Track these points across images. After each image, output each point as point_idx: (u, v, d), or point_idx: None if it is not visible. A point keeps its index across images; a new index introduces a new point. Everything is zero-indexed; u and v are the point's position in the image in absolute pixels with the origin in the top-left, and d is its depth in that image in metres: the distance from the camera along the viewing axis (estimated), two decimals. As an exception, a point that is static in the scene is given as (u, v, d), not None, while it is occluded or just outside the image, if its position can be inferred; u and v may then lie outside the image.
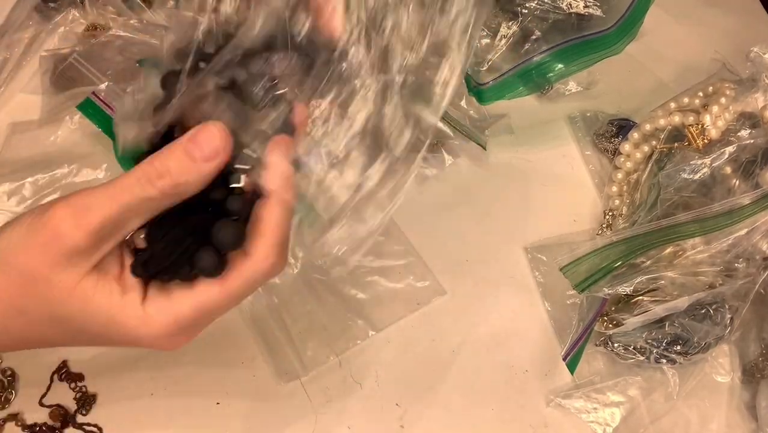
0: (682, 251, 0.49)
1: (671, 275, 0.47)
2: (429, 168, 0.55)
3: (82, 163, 0.52)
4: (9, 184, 0.51)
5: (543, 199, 0.56)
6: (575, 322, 0.49)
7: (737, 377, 0.50)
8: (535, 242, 0.54)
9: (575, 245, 0.50)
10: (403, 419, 0.47)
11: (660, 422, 0.48)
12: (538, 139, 0.59)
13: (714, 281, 0.48)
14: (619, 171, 0.55)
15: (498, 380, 0.49)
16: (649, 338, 0.48)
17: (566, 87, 0.60)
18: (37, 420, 0.44)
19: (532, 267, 0.53)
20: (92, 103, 0.51)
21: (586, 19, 0.56)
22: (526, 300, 0.52)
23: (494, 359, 0.50)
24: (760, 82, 0.51)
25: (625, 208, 0.54)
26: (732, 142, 0.50)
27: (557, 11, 0.56)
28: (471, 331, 0.51)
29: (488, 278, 0.53)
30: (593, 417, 0.48)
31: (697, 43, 0.64)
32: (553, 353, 0.50)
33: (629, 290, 0.47)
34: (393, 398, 0.48)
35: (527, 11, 0.56)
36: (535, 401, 0.49)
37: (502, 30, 0.56)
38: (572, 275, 0.47)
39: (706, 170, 0.50)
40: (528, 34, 0.56)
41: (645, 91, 0.61)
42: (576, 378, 0.49)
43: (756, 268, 0.48)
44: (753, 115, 0.51)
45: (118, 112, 0.35)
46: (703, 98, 0.54)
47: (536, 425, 0.48)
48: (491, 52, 0.56)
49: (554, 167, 0.58)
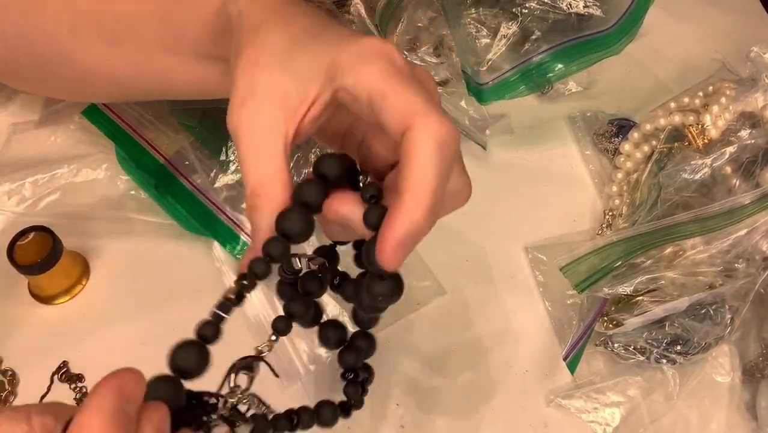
0: (682, 251, 0.49)
1: (671, 275, 0.47)
2: (429, 168, 0.55)
3: (82, 163, 0.52)
4: (9, 184, 0.51)
5: (543, 199, 0.56)
6: (575, 322, 0.49)
7: (737, 377, 0.50)
8: (535, 241, 0.54)
9: (575, 245, 0.50)
10: (403, 419, 0.47)
11: (660, 422, 0.48)
12: (538, 139, 0.59)
13: (714, 281, 0.48)
14: (619, 171, 0.55)
15: (498, 380, 0.49)
16: (649, 338, 0.48)
17: (566, 87, 0.60)
18: (38, 420, 0.44)
19: (532, 267, 0.53)
20: (97, 108, 0.52)
21: (585, 19, 0.56)
22: (526, 300, 0.52)
23: (494, 359, 0.50)
24: (760, 82, 0.51)
25: (625, 208, 0.54)
26: (732, 143, 0.50)
27: (557, 11, 0.56)
28: (471, 331, 0.51)
29: (488, 278, 0.53)
30: (593, 417, 0.48)
31: (697, 43, 0.64)
32: (553, 353, 0.50)
33: (629, 290, 0.47)
34: (393, 398, 0.48)
35: (527, 11, 0.56)
36: (535, 401, 0.49)
37: (502, 30, 0.56)
38: (572, 275, 0.47)
39: (706, 170, 0.50)
40: (528, 34, 0.56)
41: (645, 91, 0.61)
42: (576, 378, 0.49)
43: (756, 268, 0.48)
44: (753, 115, 0.51)
45: None
46: (703, 98, 0.54)
47: (536, 425, 0.48)
48: (491, 52, 0.56)
49: (554, 167, 0.58)
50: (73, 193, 0.52)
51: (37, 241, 0.46)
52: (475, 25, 0.56)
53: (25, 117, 0.55)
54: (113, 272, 0.50)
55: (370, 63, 0.31)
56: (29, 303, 0.49)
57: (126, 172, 0.51)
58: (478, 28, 0.56)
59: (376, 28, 0.55)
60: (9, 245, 0.45)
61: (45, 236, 0.46)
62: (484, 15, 0.56)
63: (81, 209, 0.51)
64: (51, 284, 0.48)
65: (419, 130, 0.29)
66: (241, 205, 0.51)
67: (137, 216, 0.51)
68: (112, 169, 0.52)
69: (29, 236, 0.46)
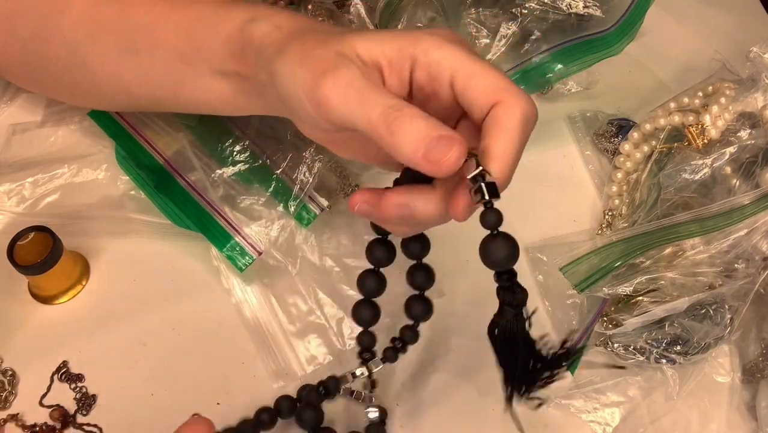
0: (681, 251, 0.49)
1: (671, 275, 0.47)
2: (429, 168, 0.55)
3: (82, 163, 0.52)
4: (9, 184, 0.51)
5: (543, 199, 0.56)
6: (575, 322, 0.49)
7: (737, 377, 0.50)
8: (535, 242, 0.54)
9: (575, 245, 0.50)
10: (403, 419, 0.47)
11: (660, 422, 0.48)
12: (538, 139, 0.58)
13: (714, 282, 0.48)
14: (618, 171, 0.55)
15: (498, 380, 0.49)
16: (649, 339, 0.48)
17: (566, 87, 0.60)
18: (38, 421, 0.45)
19: (532, 267, 0.53)
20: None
21: (585, 19, 0.56)
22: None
23: (495, 359, 0.50)
24: (760, 82, 0.51)
25: (625, 208, 0.54)
26: (732, 143, 0.50)
27: (557, 11, 0.55)
28: (471, 331, 0.51)
29: (488, 278, 0.53)
30: (593, 417, 0.48)
31: (697, 43, 0.64)
32: (553, 353, 0.50)
33: (629, 290, 0.47)
34: (393, 398, 0.48)
35: (527, 11, 0.55)
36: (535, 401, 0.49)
37: (502, 30, 0.56)
38: (572, 275, 0.47)
39: (706, 170, 0.50)
40: (527, 35, 0.56)
41: (645, 91, 0.61)
42: (576, 378, 0.49)
43: (756, 268, 0.48)
44: (753, 115, 0.51)
45: None
46: (703, 98, 0.54)
47: (536, 425, 0.48)
48: (491, 53, 0.55)
49: (554, 167, 0.58)
50: (73, 193, 0.52)
51: (37, 241, 0.46)
52: (475, 26, 0.56)
53: (26, 117, 0.55)
54: (113, 272, 0.50)
55: (454, 45, 0.34)
56: (29, 303, 0.49)
57: (125, 172, 0.51)
58: (478, 29, 0.56)
59: (375, 28, 0.55)
60: (9, 245, 0.45)
61: (45, 236, 0.46)
62: (483, 15, 0.56)
63: (81, 209, 0.51)
64: (51, 284, 0.48)
65: (510, 104, 0.33)
66: (240, 204, 0.51)
67: (137, 216, 0.51)
68: (112, 169, 0.52)
69: (29, 236, 0.46)
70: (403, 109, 0.31)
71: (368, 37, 0.34)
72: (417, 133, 0.30)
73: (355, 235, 0.52)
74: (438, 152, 0.30)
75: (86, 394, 0.45)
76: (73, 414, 0.45)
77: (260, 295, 0.50)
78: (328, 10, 0.56)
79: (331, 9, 0.56)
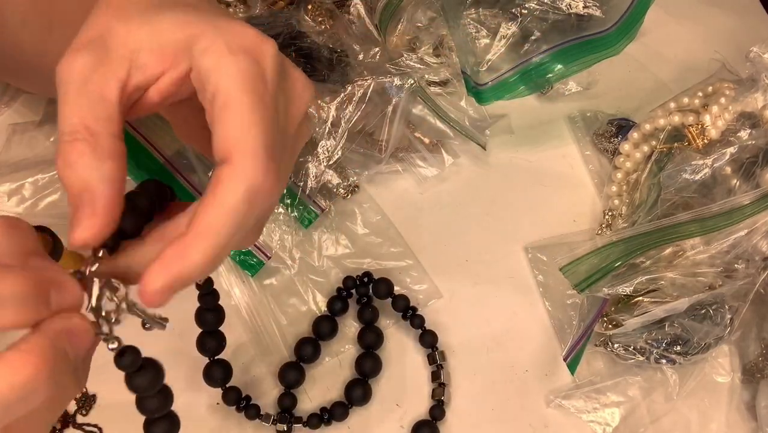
0: (681, 251, 0.49)
1: (671, 275, 0.47)
2: (429, 168, 0.55)
3: (82, 164, 0.52)
4: (9, 184, 0.51)
5: (543, 199, 0.56)
6: (576, 322, 0.49)
7: (737, 377, 0.50)
8: (535, 241, 0.54)
9: (575, 245, 0.50)
10: (403, 419, 0.47)
11: (660, 422, 0.48)
12: (538, 139, 0.59)
13: (714, 282, 0.48)
14: (618, 171, 0.55)
15: (498, 380, 0.49)
16: (649, 339, 0.48)
17: (566, 87, 0.60)
18: (37, 420, 0.44)
19: (532, 267, 0.53)
20: None
21: (585, 19, 0.56)
22: (526, 300, 0.52)
23: (494, 359, 0.50)
24: (760, 82, 0.51)
25: (625, 208, 0.54)
26: (732, 143, 0.50)
27: (557, 11, 0.55)
28: (471, 331, 0.51)
29: (488, 278, 0.53)
30: (593, 417, 0.48)
31: (697, 43, 0.64)
32: (554, 353, 0.50)
33: (629, 290, 0.47)
34: (393, 398, 0.48)
35: (527, 11, 0.55)
36: (536, 401, 0.49)
37: (502, 30, 0.55)
38: (572, 275, 0.47)
39: (706, 171, 0.50)
40: (527, 35, 0.56)
41: (645, 91, 0.61)
42: (576, 378, 0.49)
43: (756, 268, 0.48)
44: (753, 115, 0.51)
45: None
46: (703, 98, 0.54)
47: (536, 425, 0.48)
48: (490, 53, 0.55)
49: (554, 167, 0.58)
50: (73, 194, 0.52)
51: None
52: (475, 26, 0.56)
53: (26, 117, 0.55)
54: (113, 272, 0.50)
55: (233, 56, 0.27)
56: (29, 303, 0.49)
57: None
58: (478, 29, 0.56)
59: (375, 28, 0.55)
60: (9, 245, 0.45)
61: (45, 236, 0.46)
62: (483, 15, 0.56)
63: (81, 209, 0.51)
64: (51, 284, 0.48)
65: (237, 172, 0.26)
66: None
67: (137, 216, 0.51)
68: (112, 169, 0.52)
69: (29, 236, 0.46)
70: (87, 141, 0.27)
71: (149, 18, 0.28)
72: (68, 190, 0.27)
73: (355, 236, 0.53)
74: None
75: (86, 393, 0.45)
76: (72, 414, 0.45)
77: (259, 295, 0.50)
78: (328, 10, 0.56)
79: (331, 9, 0.56)
